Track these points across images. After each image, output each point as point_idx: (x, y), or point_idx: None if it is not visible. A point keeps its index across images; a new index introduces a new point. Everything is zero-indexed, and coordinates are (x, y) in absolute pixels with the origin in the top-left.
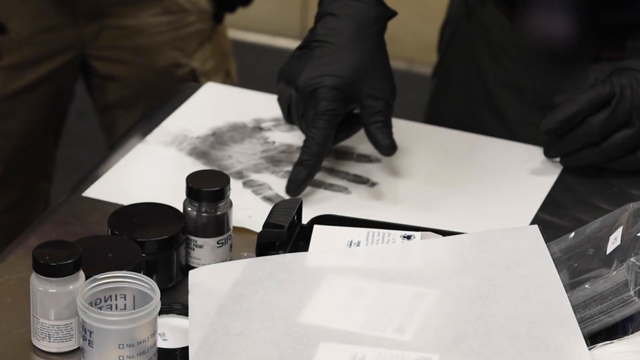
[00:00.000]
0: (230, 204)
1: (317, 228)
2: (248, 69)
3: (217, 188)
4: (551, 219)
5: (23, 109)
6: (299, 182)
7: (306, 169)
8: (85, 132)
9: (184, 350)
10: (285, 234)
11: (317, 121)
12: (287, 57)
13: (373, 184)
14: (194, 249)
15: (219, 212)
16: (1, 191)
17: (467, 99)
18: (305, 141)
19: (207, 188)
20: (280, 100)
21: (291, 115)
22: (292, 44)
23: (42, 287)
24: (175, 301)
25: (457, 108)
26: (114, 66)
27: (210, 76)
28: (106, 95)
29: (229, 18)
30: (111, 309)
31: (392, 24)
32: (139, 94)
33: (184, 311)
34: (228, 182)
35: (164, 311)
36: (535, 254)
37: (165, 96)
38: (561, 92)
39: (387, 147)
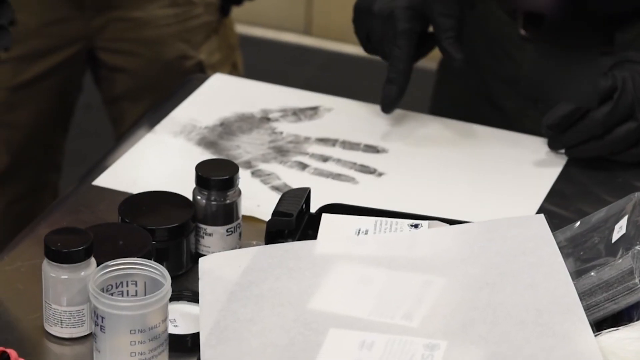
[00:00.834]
0: (239, 193)
1: (325, 217)
2: (252, 63)
3: (226, 177)
4: (556, 209)
5: (31, 100)
6: (391, 99)
7: (396, 85)
8: (91, 125)
9: (195, 336)
10: (294, 222)
11: (399, 40)
12: (291, 52)
13: (380, 174)
14: (203, 237)
15: (228, 201)
16: (10, 182)
17: (466, 91)
18: (390, 61)
19: (217, 177)
20: (358, 33)
21: (371, 43)
22: (296, 38)
23: (53, 274)
24: (185, 288)
25: (457, 100)
26: (121, 58)
27: (217, 68)
28: (113, 87)
29: (234, 12)
30: (122, 295)
31: None
32: (146, 86)
33: (194, 298)
34: (237, 170)
35: (174, 298)
36: (541, 243)
37: (173, 88)
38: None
39: (461, 59)
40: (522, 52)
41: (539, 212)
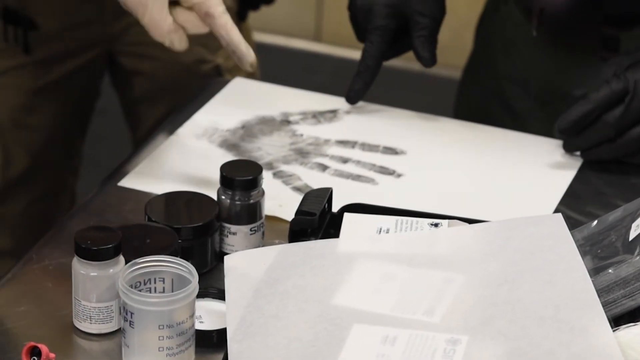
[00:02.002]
0: (263, 193)
1: (347, 216)
2: (262, 69)
3: (250, 177)
4: (570, 211)
5: (51, 103)
6: (355, 92)
7: (362, 79)
8: (105, 130)
9: (220, 332)
10: (317, 221)
11: (371, 35)
12: (301, 58)
13: (399, 175)
14: (227, 236)
15: (251, 201)
16: (29, 184)
17: (483, 95)
18: (361, 55)
19: (241, 177)
20: (351, 23)
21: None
22: (306, 45)
23: (83, 271)
24: (210, 286)
25: (476, 104)
26: (140, 62)
27: (234, 72)
28: (132, 90)
29: None
30: (150, 292)
31: None
32: (165, 90)
33: (219, 295)
34: (261, 171)
35: (200, 295)
36: (559, 241)
37: (192, 91)
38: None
39: (426, 59)
40: (534, 53)
41: (555, 212)
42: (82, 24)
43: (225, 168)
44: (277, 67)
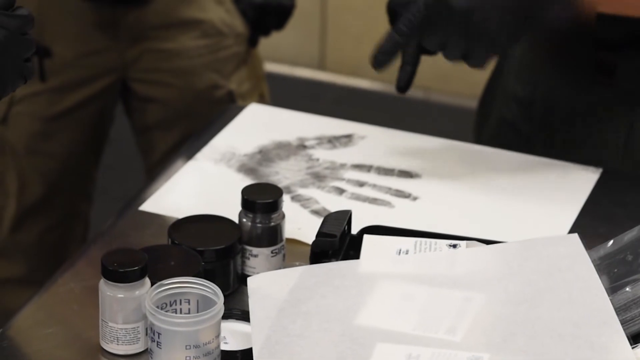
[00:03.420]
0: (283, 216)
1: (367, 237)
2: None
3: (271, 200)
4: (584, 231)
5: (66, 130)
6: (404, 82)
7: (405, 70)
8: (109, 158)
9: (244, 352)
10: (338, 243)
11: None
12: (305, 87)
13: (415, 199)
14: (249, 258)
15: (272, 223)
16: (45, 211)
17: (488, 114)
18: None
19: (262, 200)
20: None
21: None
22: (311, 74)
23: (110, 292)
24: (233, 307)
25: (492, 129)
26: (154, 88)
27: (247, 98)
28: (145, 117)
29: None
30: (176, 313)
31: None
32: (178, 116)
33: (243, 316)
34: (281, 194)
35: (224, 316)
36: (577, 260)
37: (205, 117)
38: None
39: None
40: (540, 76)
41: (569, 232)
42: (97, 52)
43: (247, 191)
44: (282, 95)
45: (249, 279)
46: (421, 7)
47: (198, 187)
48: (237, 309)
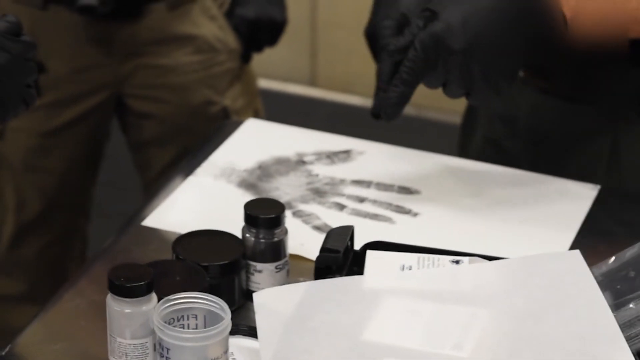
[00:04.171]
0: (286, 231)
1: (370, 253)
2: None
3: (274, 215)
4: (583, 249)
5: (63, 145)
6: (375, 108)
7: (379, 95)
8: (110, 176)
9: None
10: (341, 258)
11: (380, 55)
12: (296, 103)
13: (415, 214)
14: (253, 274)
15: (275, 239)
16: (43, 228)
17: (472, 134)
18: (376, 73)
19: (264, 215)
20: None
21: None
22: (302, 90)
23: (118, 308)
24: (240, 323)
25: (472, 142)
26: (148, 104)
27: (241, 114)
28: (141, 133)
29: None
30: (183, 328)
31: None
32: (173, 132)
33: (249, 332)
34: (283, 209)
35: (231, 332)
36: (580, 276)
37: (200, 134)
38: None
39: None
40: (521, 94)
41: (570, 249)
42: (91, 67)
43: (249, 206)
44: (274, 111)
45: (254, 294)
46: (420, 51)
47: (199, 202)
48: (243, 325)
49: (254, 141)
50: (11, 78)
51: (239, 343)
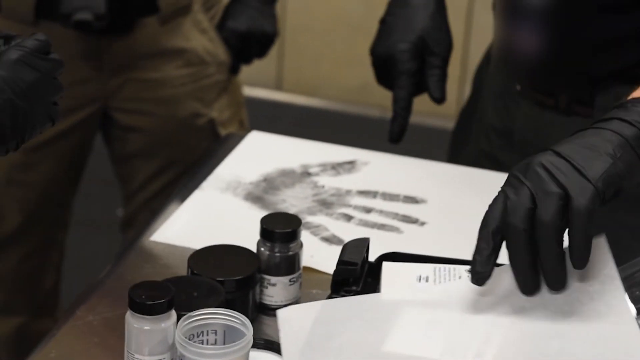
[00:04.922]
0: (301, 245)
1: (386, 265)
2: None
3: (290, 229)
4: None
5: (46, 160)
6: (397, 134)
7: (398, 121)
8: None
9: None
10: (359, 271)
11: (399, 80)
12: (263, 107)
13: (422, 224)
14: (267, 287)
15: (290, 252)
16: (21, 240)
17: (463, 147)
18: (393, 98)
19: (281, 229)
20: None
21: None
22: (268, 94)
23: (137, 325)
24: (256, 336)
25: (461, 150)
26: (135, 117)
27: (227, 125)
28: (125, 145)
29: None
30: (203, 344)
31: (369, 72)
32: (159, 144)
33: (266, 346)
34: (300, 224)
35: None
36: (605, 282)
37: (185, 145)
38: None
39: (437, 99)
40: (517, 107)
41: None
42: (80, 82)
43: (266, 221)
44: None
45: (278, 311)
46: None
47: (206, 216)
48: (259, 339)
49: (258, 154)
50: (39, 95)
51: (256, 356)
